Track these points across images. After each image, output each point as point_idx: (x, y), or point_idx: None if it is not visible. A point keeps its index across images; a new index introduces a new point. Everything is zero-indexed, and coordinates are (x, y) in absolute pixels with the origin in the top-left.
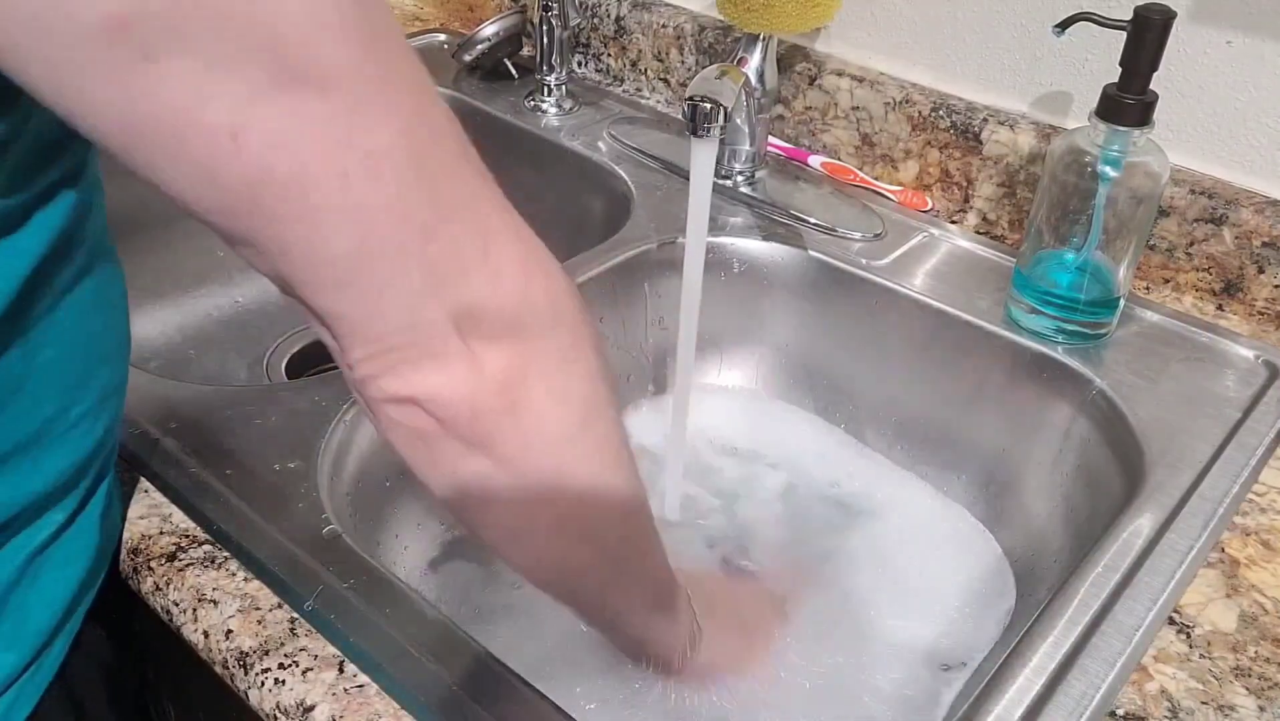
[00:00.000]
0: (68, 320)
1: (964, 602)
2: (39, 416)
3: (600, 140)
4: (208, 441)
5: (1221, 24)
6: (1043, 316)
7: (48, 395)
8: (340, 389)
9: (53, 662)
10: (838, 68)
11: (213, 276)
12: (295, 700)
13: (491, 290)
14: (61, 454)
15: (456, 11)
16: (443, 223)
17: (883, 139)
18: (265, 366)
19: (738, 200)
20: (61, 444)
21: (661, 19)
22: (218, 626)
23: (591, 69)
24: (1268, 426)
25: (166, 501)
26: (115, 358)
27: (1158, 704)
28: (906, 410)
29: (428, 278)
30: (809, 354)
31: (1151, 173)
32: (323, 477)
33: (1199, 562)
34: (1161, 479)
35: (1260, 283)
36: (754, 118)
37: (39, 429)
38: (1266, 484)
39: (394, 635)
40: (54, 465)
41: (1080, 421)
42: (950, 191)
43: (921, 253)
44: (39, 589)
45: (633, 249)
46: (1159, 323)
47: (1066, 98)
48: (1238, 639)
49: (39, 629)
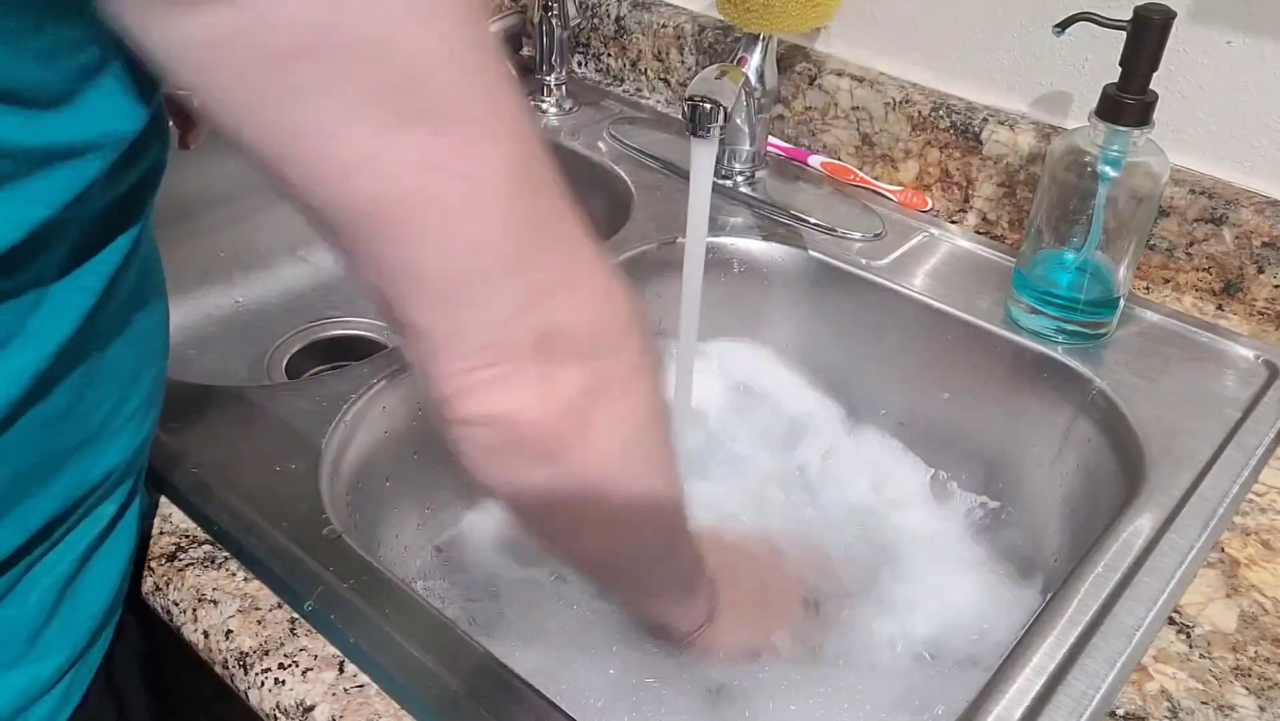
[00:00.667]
0: (129, 314)
1: (963, 601)
2: (103, 410)
3: (600, 140)
4: (208, 441)
5: (1221, 24)
6: (1043, 316)
7: (111, 389)
8: (340, 389)
9: (98, 654)
10: (838, 68)
11: (213, 276)
12: (295, 700)
13: (572, 314)
14: (119, 446)
15: None
16: (537, 250)
17: (883, 139)
18: (265, 366)
19: (738, 200)
20: (119, 436)
21: (661, 19)
22: (218, 626)
23: (591, 69)
24: (1268, 426)
25: (166, 501)
26: (162, 355)
27: (1158, 704)
28: (906, 410)
29: (517, 301)
30: (809, 353)
31: (1151, 173)
32: (323, 477)
33: (1199, 562)
34: (1161, 479)
35: (1260, 283)
36: (754, 118)
37: (102, 421)
38: (1266, 484)
39: (394, 635)
40: (113, 457)
41: (1080, 421)
42: (950, 191)
43: (921, 253)
44: (92, 579)
45: (633, 249)
46: (1159, 323)
47: (1066, 98)
48: (1238, 639)
49: (91, 620)
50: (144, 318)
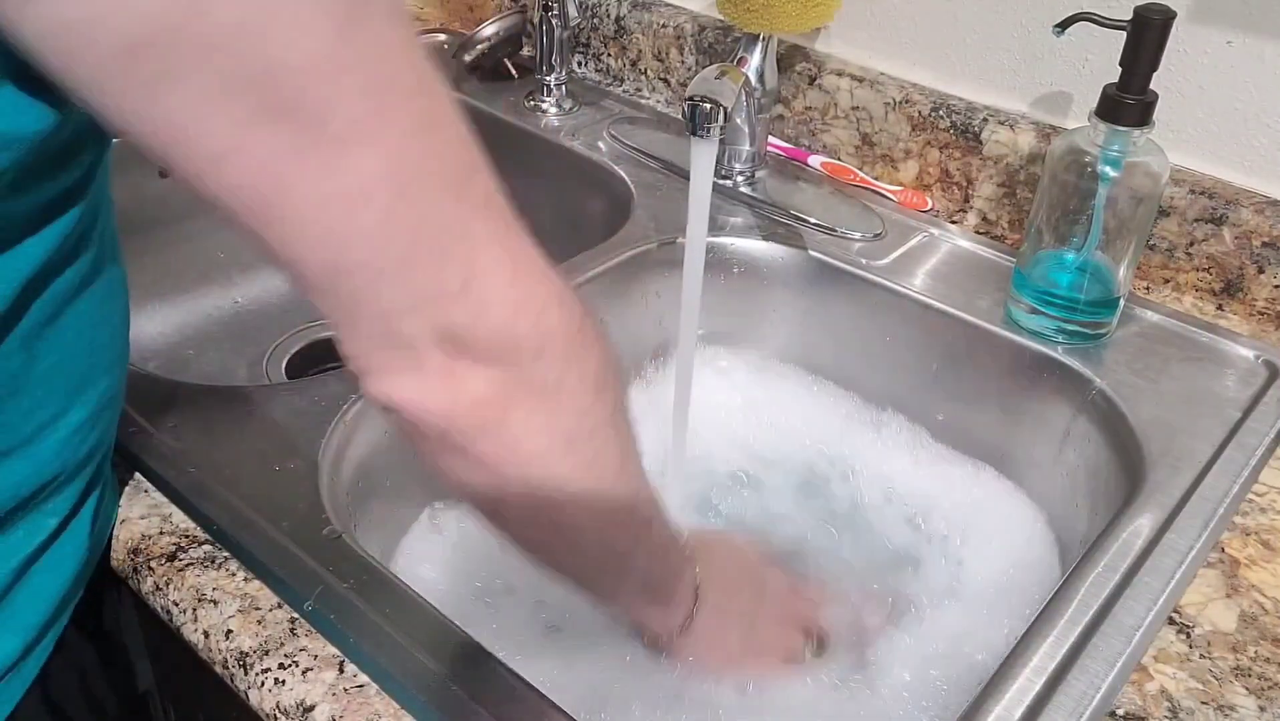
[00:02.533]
0: (71, 329)
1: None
2: (36, 420)
3: (600, 140)
4: (208, 441)
5: (1221, 24)
6: (1043, 316)
7: (47, 400)
8: (340, 389)
9: (34, 666)
10: (838, 68)
11: (213, 276)
12: (295, 700)
13: (473, 320)
14: (61, 458)
15: (456, 11)
16: (426, 253)
17: (883, 139)
18: (265, 366)
19: (738, 200)
20: (58, 446)
21: (661, 19)
22: (218, 626)
23: (591, 69)
24: (1268, 426)
25: (166, 501)
26: (116, 367)
27: (1158, 704)
28: (906, 410)
29: (403, 300)
30: (809, 354)
31: (1151, 173)
32: (323, 477)
33: (1199, 562)
34: (1161, 479)
35: (1260, 283)
36: (754, 118)
37: (34, 432)
38: (1266, 484)
39: (394, 635)
40: (53, 467)
41: (1080, 421)
42: (950, 191)
43: (921, 253)
44: (29, 592)
45: (633, 249)
46: (1159, 323)
47: (1066, 98)
48: (1238, 639)
49: (25, 633)
50: (92, 329)
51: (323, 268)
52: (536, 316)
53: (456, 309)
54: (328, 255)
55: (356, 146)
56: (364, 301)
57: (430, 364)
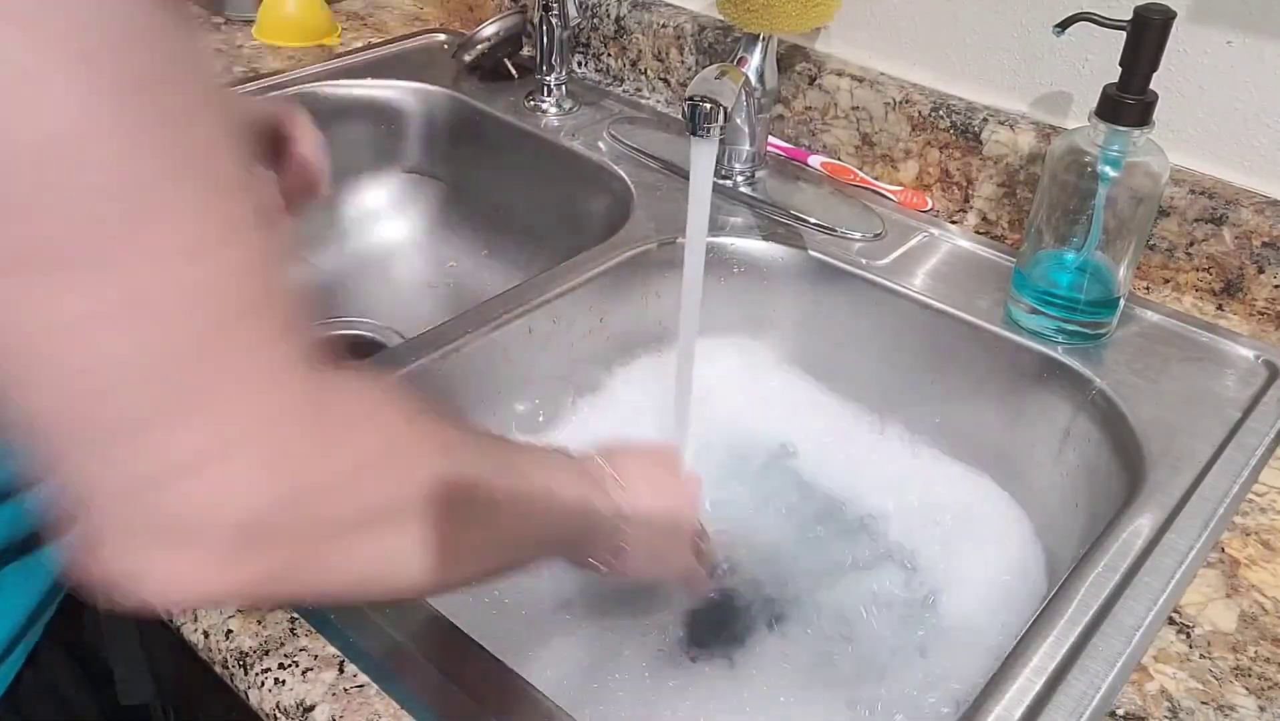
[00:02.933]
0: None
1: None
2: None
3: (600, 140)
4: None
5: (1221, 24)
6: (1043, 316)
7: None
8: None
9: (3, 680)
10: (838, 68)
11: None
12: (295, 700)
13: (215, 497)
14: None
15: (456, 11)
16: (160, 424)
17: (883, 139)
18: None
19: (738, 200)
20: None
21: (661, 19)
22: (218, 626)
23: (591, 69)
24: (1268, 426)
25: None
26: None
27: (1158, 704)
28: (906, 409)
29: (140, 469)
30: (809, 354)
31: (1151, 173)
32: None
33: (1199, 562)
34: (1161, 479)
35: (1260, 283)
36: (754, 118)
37: None
38: (1266, 484)
39: (394, 635)
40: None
41: (1080, 421)
42: (950, 191)
43: (921, 253)
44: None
45: (633, 249)
46: (1159, 323)
47: (1066, 98)
48: (1238, 639)
49: None
50: None
51: (56, 421)
52: (292, 480)
53: (195, 485)
54: (58, 409)
55: (90, 292)
56: (105, 468)
57: (195, 544)
